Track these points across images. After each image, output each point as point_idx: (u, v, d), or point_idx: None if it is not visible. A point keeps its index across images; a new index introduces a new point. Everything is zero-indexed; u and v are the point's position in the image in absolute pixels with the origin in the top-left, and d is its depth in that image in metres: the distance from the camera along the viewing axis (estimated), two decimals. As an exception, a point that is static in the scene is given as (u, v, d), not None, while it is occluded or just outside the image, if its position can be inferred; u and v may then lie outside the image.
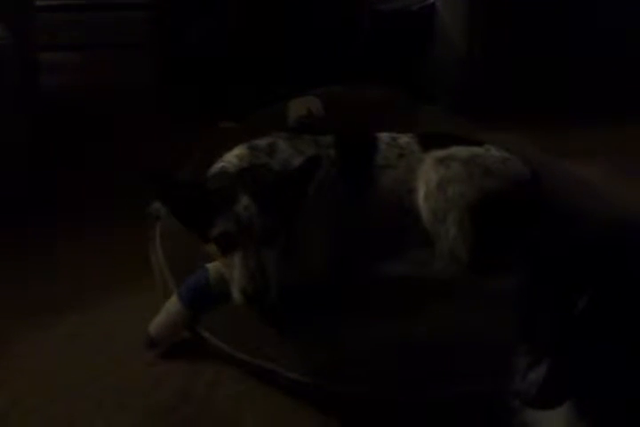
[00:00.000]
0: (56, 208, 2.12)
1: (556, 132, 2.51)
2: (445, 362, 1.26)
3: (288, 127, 2.09)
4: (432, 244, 1.59)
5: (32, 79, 2.31)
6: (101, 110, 2.79)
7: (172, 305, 1.46)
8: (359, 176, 1.66)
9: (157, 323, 1.45)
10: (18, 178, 2.09)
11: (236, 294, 1.32)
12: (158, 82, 2.84)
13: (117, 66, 3.17)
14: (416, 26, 2.87)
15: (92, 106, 2.85)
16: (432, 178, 1.59)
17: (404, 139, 1.75)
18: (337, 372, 1.26)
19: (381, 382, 1.25)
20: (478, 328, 1.30)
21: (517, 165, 1.67)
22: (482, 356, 1.24)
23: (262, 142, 1.66)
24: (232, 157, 1.61)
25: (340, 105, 2.27)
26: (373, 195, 1.64)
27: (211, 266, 1.47)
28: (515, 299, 0.91)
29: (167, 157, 2.26)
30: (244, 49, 2.69)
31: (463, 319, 1.33)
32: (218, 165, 1.61)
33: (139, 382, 1.39)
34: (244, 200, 1.35)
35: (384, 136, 1.76)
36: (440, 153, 1.65)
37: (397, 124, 2.10)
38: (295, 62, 2.71)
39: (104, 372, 1.42)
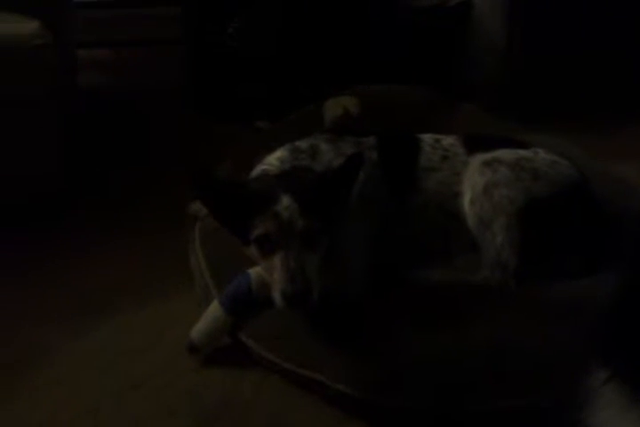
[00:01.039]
0: (89, 208, 2.11)
1: (600, 132, 2.43)
2: (500, 376, 1.21)
3: (325, 127, 2.06)
4: (477, 250, 1.55)
5: (70, 78, 2.30)
6: (136, 108, 2.78)
7: (214, 311, 1.43)
8: (402, 179, 1.62)
9: (199, 329, 1.43)
10: (52, 177, 2.08)
11: (276, 297, 1.29)
12: (193, 80, 2.82)
13: (153, 63, 3.17)
14: (453, 22, 2.80)
15: (126, 104, 2.84)
16: (478, 182, 1.54)
17: (448, 140, 1.70)
18: (387, 385, 1.22)
19: (434, 396, 1.20)
20: (532, 340, 1.25)
21: (567, 168, 1.61)
22: (537, 369, 1.19)
23: (304, 144, 1.62)
24: (273, 160, 1.58)
25: (377, 105, 2.22)
26: (417, 198, 1.60)
27: (253, 271, 1.44)
28: (602, 306, 0.84)
29: (203, 157, 2.26)
30: (280, 47, 2.65)
31: (517, 331, 1.28)
32: (259, 168, 1.58)
33: (179, 391, 1.36)
34: (285, 200, 1.32)
35: (427, 137, 1.71)
36: (486, 156, 1.60)
37: (436, 124, 2.06)
38: (332, 61, 2.66)
39: (144, 379, 1.39)
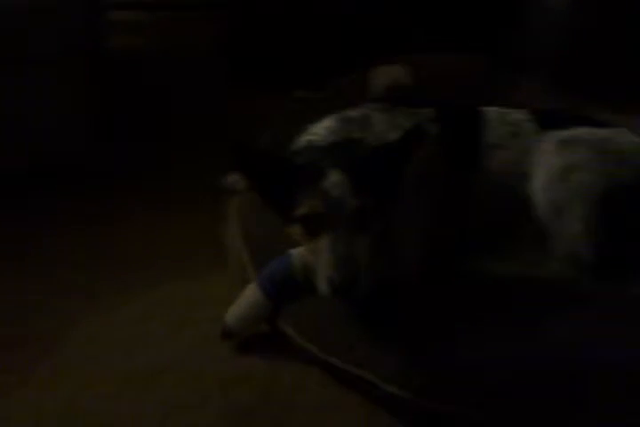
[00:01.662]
0: (115, 177, 1.99)
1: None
2: (583, 389, 1.05)
3: (371, 98, 1.90)
4: (547, 241, 1.38)
5: (99, 39, 2.16)
6: (171, 74, 2.64)
7: (251, 294, 1.30)
8: (465, 156, 1.46)
9: (234, 313, 1.30)
10: (78, 142, 1.97)
11: (321, 284, 1.14)
12: (231, 45, 2.66)
13: (190, 27, 3.01)
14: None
15: (161, 68, 2.70)
16: (554, 163, 1.37)
17: (517, 115, 1.52)
18: (442, 389, 1.08)
19: (494, 406, 1.06)
20: (617, 347, 1.09)
21: None
22: (625, 384, 1.03)
23: (355, 114, 1.47)
24: (321, 130, 1.43)
25: (429, 75, 2.05)
26: (481, 179, 1.43)
27: (295, 252, 1.30)
28: None
29: (240, 126, 2.11)
30: (326, 9, 2.47)
31: (597, 335, 1.12)
32: (304, 138, 1.43)
33: (213, 379, 1.24)
34: (335, 176, 1.18)
35: (492, 111, 1.54)
36: (563, 134, 1.42)
37: (494, 97, 1.88)
38: (380, 26, 2.47)
39: (172, 364, 1.28)
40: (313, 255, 1.20)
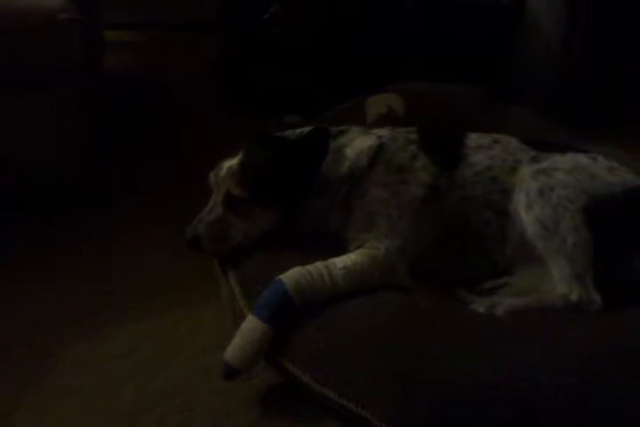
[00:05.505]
0: (110, 200, 1.98)
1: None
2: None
3: (366, 125, 1.91)
4: (540, 264, 1.36)
5: (95, 58, 2.15)
6: (161, 96, 2.63)
7: (248, 323, 1.23)
8: (448, 154, 1.46)
9: (233, 345, 1.21)
10: (73, 164, 1.93)
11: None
12: (222, 68, 2.67)
13: (183, 48, 3.02)
14: (505, 18, 2.61)
15: (152, 90, 2.69)
16: (532, 186, 1.38)
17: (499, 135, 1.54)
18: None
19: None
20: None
21: (627, 173, 1.43)
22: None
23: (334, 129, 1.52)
24: None
25: (423, 103, 2.07)
26: (466, 171, 1.43)
27: (284, 276, 1.27)
28: None
29: (227, 151, 2.10)
30: (318, 36, 2.49)
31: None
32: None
33: (200, 415, 1.20)
34: (236, 159, 1.38)
35: (474, 135, 1.54)
36: (539, 166, 1.42)
37: (484, 126, 1.89)
38: (372, 56, 2.49)
39: (161, 398, 1.23)
40: None
